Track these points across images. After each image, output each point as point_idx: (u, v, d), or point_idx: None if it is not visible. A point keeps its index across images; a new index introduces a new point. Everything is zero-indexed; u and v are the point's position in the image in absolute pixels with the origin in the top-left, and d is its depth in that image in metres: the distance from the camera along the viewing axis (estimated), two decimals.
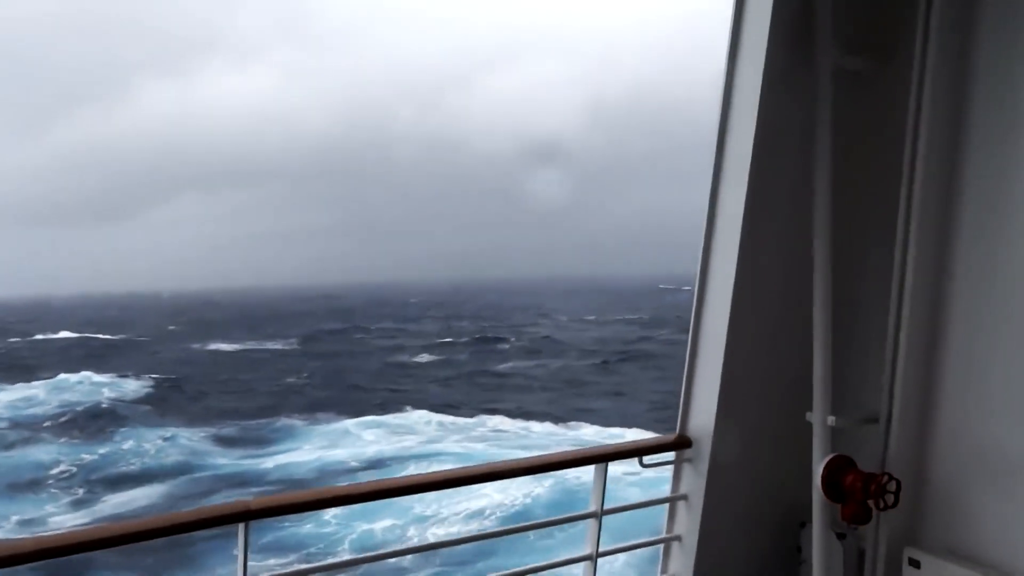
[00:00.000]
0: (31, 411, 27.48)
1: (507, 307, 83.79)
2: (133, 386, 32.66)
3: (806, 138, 3.24)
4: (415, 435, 24.15)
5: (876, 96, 3.40)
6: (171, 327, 69.88)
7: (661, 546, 3.75)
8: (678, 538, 3.67)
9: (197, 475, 20.12)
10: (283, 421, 27.04)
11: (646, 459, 3.55)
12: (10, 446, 22.83)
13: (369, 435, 24.14)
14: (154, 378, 35.16)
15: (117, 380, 33.26)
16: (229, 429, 25.78)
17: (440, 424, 26.13)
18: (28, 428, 25.01)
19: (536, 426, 26.78)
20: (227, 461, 21.41)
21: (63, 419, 25.94)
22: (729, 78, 3.37)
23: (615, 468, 3.35)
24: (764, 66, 3.21)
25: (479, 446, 23.08)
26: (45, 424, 25.50)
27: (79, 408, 27.45)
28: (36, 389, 31.08)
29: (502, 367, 40.39)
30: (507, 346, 48.29)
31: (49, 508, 17.78)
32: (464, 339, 52.19)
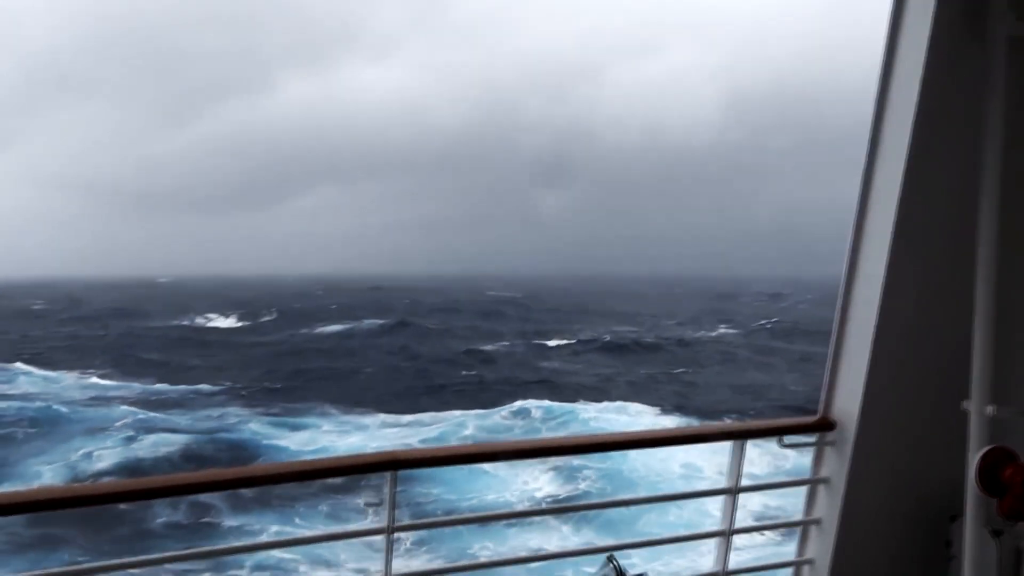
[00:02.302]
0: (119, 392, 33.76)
1: (583, 308, 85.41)
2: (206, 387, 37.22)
3: (973, 110, 3.09)
4: (426, 428, 27.36)
5: None
6: (297, 305, 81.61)
7: (798, 529, 3.72)
8: (817, 522, 3.62)
9: (218, 436, 25.44)
10: (323, 406, 30.96)
11: (786, 439, 3.55)
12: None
13: (385, 432, 27.48)
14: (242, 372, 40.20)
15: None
16: (275, 408, 30.18)
17: (464, 421, 28.69)
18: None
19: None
20: (255, 429, 26.33)
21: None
22: (889, 56, 3.22)
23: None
24: (929, 39, 3.05)
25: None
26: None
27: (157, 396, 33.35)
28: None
29: (545, 364, 43.24)
30: (554, 344, 51.50)
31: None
32: (528, 339, 55.18)
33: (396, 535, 2.80)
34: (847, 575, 3.51)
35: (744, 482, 3.52)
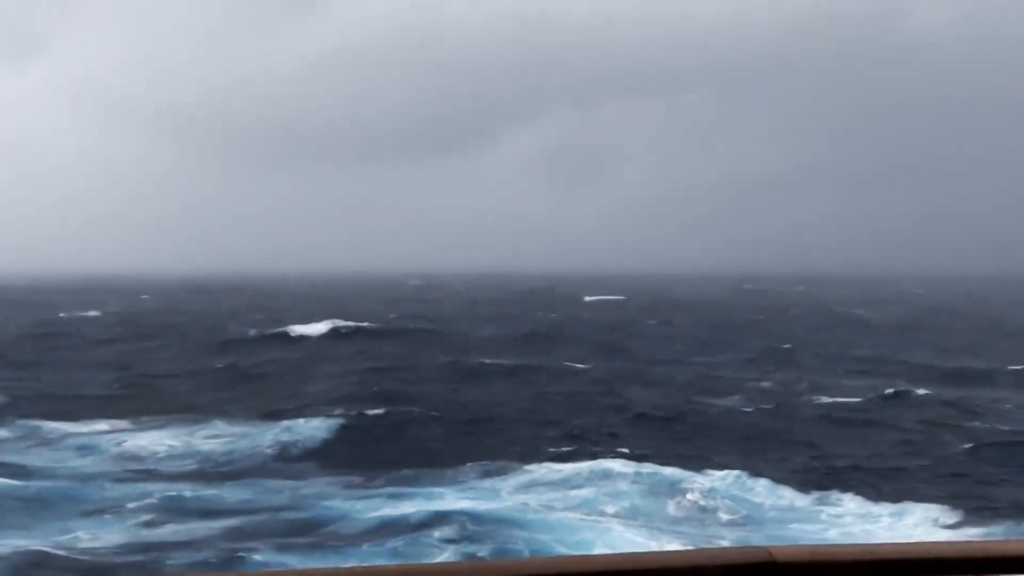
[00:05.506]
0: None
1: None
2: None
3: None
4: (581, 490, 27.92)
5: None
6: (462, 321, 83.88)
7: None
8: None
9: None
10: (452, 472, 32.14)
11: None
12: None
13: (521, 493, 28.59)
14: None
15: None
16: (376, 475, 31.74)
17: (632, 479, 29.18)
18: None
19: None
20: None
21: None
22: None
23: None
24: None
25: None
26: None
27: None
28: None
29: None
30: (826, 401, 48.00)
31: None
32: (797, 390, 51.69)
33: None
34: None
35: None
